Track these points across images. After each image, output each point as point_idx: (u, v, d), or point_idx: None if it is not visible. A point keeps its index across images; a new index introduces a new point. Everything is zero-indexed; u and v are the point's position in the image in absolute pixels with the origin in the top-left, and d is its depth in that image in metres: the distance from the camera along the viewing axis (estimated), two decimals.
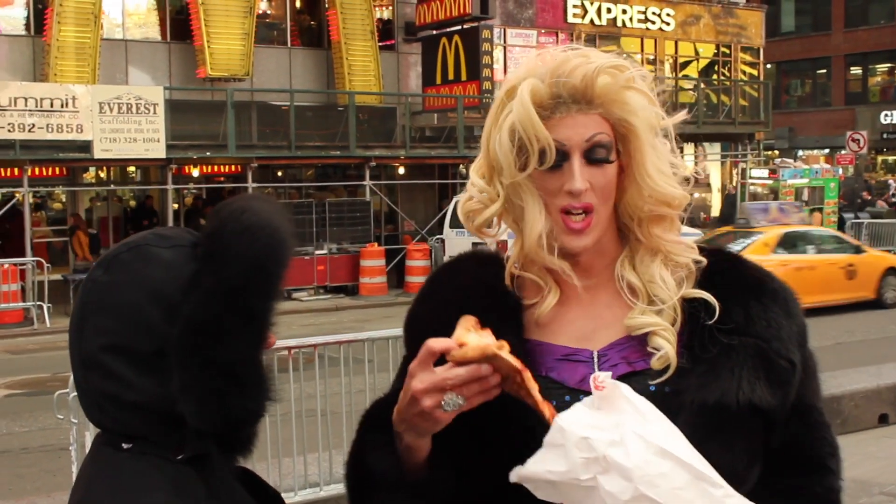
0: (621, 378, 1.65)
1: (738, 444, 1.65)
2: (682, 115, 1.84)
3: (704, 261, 1.80)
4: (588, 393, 1.59)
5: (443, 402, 1.51)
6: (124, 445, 1.53)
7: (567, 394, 1.69)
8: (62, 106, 19.90)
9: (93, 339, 1.51)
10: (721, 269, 1.80)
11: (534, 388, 1.53)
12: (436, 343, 1.52)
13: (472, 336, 1.53)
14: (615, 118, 1.73)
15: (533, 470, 1.54)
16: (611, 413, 1.53)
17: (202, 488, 1.52)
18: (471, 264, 1.85)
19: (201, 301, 1.47)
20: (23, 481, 8.31)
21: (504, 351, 1.51)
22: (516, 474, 1.56)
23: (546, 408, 1.54)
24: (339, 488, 6.48)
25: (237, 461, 1.70)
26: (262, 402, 1.53)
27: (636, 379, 1.67)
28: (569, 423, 1.52)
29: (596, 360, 1.73)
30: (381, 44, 26.94)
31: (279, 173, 27.10)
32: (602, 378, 1.55)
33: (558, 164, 1.70)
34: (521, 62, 1.82)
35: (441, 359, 1.53)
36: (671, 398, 1.65)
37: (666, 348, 1.69)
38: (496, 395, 1.53)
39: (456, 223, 21.62)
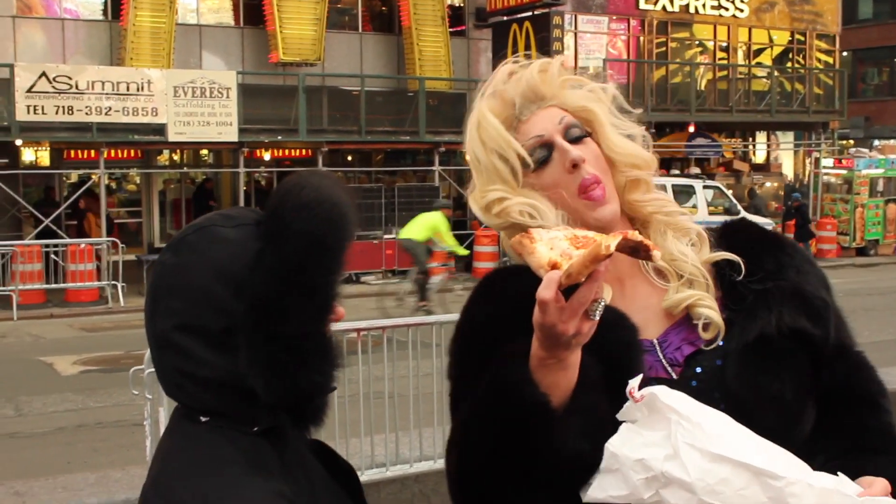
0: (690, 357, 1.73)
1: (784, 374, 1.69)
2: (612, 86, 1.93)
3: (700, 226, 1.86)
4: (658, 379, 1.67)
5: (592, 316, 1.54)
6: (201, 419, 1.59)
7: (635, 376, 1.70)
8: (138, 90, 20.24)
9: (165, 319, 1.56)
10: (736, 229, 1.88)
11: (638, 235, 1.52)
12: (546, 294, 1.50)
13: (543, 250, 1.54)
14: (571, 106, 1.85)
15: (595, 496, 1.56)
16: (657, 425, 1.53)
17: (276, 460, 1.57)
18: (525, 269, 1.76)
19: (264, 278, 1.50)
20: (98, 455, 8.51)
21: (605, 241, 1.48)
22: (590, 497, 1.58)
23: (649, 242, 1.55)
24: (404, 469, 6.56)
25: (310, 433, 1.74)
26: (328, 375, 1.56)
27: (704, 356, 1.73)
28: (619, 447, 1.55)
29: (658, 347, 1.76)
30: (451, 30, 26.94)
31: (349, 158, 27.26)
32: (633, 386, 1.56)
33: (547, 156, 1.80)
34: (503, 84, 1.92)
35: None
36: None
37: (709, 314, 1.74)
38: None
39: None
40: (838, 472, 1.54)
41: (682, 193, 23.92)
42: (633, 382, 1.58)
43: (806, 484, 1.49)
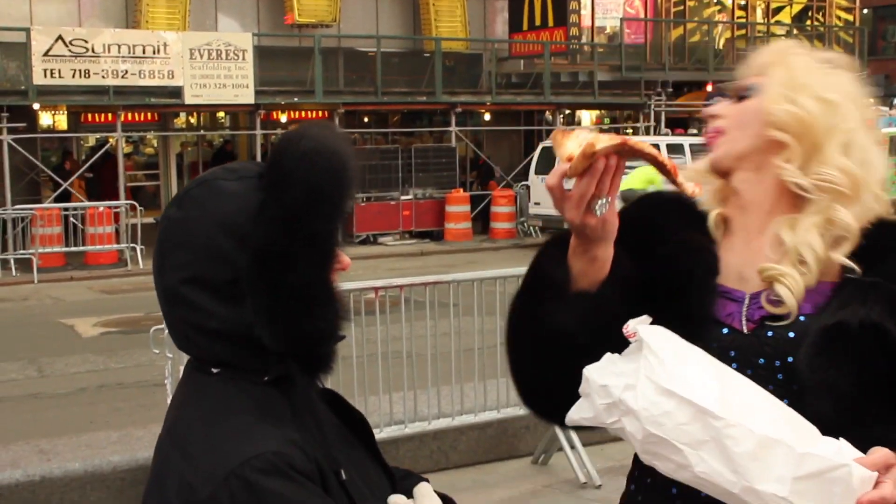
0: (765, 318, 1.82)
1: (846, 364, 1.70)
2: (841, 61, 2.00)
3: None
4: (730, 327, 1.83)
5: (596, 211, 1.69)
6: (213, 371, 1.62)
7: (711, 323, 1.84)
8: (154, 52, 20.24)
9: (172, 273, 1.59)
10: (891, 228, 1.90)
11: (644, 147, 1.65)
12: (551, 180, 1.70)
13: (570, 145, 1.65)
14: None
15: (571, 418, 1.69)
16: (633, 360, 1.62)
17: (286, 408, 1.60)
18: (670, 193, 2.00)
19: (266, 228, 1.53)
20: (120, 414, 8.60)
21: (599, 141, 1.62)
22: (568, 419, 1.71)
23: (663, 159, 1.67)
24: (423, 426, 6.62)
25: (321, 381, 1.77)
26: (333, 321, 1.60)
27: (781, 324, 1.81)
28: (592, 373, 1.65)
29: (747, 301, 1.85)
30: None
31: (366, 119, 27.22)
32: (633, 326, 1.66)
33: (711, 103, 2.05)
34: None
35: None
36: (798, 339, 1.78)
37: (784, 294, 1.81)
38: (623, 168, 1.67)
39: (541, 169, 21.56)
40: (840, 438, 1.57)
41: (700, 153, 23.75)
42: (633, 322, 1.67)
43: (746, 429, 1.52)
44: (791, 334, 1.77)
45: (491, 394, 6.80)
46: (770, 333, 1.79)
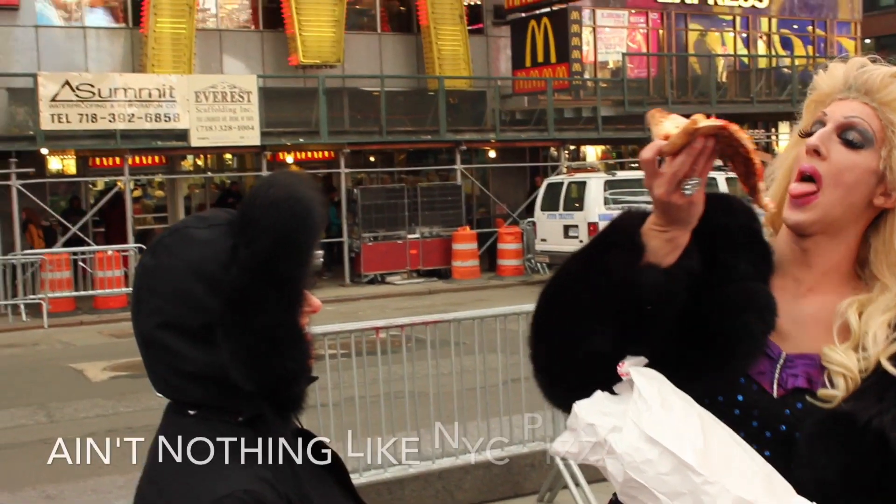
0: (791, 393, 1.75)
1: (839, 455, 1.66)
2: None
3: None
4: (759, 386, 1.77)
5: (685, 191, 1.65)
6: (189, 413, 1.69)
7: (742, 377, 1.78)
8: (160, 96, 20.43)
9: (147, 318, 1.66)
10: None
11: (742, 136, 1.63)
12: (646, 152, 1.66)
13: (667, 125, 1.66)
14: (886, 119, 1.78)
15: (556, 450, 1.72)
16: (622, 401, 1.66)
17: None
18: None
19: (237, 274, 1.60)
20: (126, 459, 8.62)
21: (701, 120, 1.62)
22: (552, 450, 1.74)
23: (757, 156, 1.65)
24: (427, 465, 6.64)
25: (293, 420, 1.81)
26: (302, 362, 1.66)
27: (805, 396, 1.74)
28: (580, 408, 1.68)
29: (782, 361, 1.78)
30: (470, 28, 27.00)
31: (371, 158, 27.36)
32: (627, 366, 1.68)
33: (813, 131, 1.82)
34: None
35: None
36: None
37: (838, 394, 1.71)
38: (718, 152, 1.64)
39: (547, 206, 21.64)
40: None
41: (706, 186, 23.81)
42: (629, 361, 1.69)
43: (723, 487, 1.56)
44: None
45: (495, 432, 6.83)
46: (800, 405, 1.74)
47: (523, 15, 27.19)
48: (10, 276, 18.90)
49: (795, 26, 34.07)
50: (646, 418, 1.60)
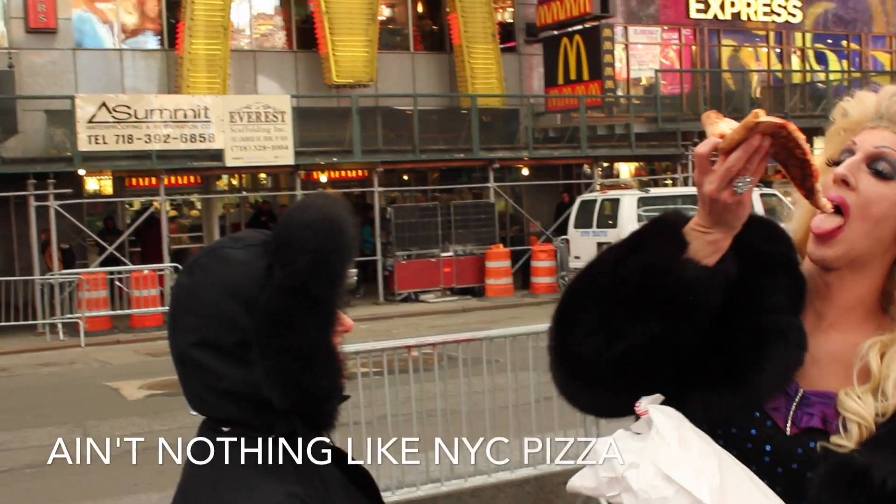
0: (804, 431, 1.71)
1: None
2: None
3: None
4: (773, 421, 1.73)
5: (735, 188, 1.63)
6: (224, 429, 1.73)
7: (758, 411, 1.74)
8: (195, 116, 20.63)
9: (184, 337, 1.70)
10: None
11: (801, 138, 1.61)
12: (702, 147, 1.64)
13: (722, 126, 1.65)
14: None
15: (573, 485, 1.73)
16: (641, 438, 1.66)
17: (291, 464, 1.70)
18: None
19: (272, 294, 1.64)
20: (163, 476, 8.68)
21: (762, 115, 1.60)
22: (569, 485, 1.74)
23: (813, 158, 1.64)
24: (459, 483, 6.65)
25: (328, 438, 1.84)
26: (335, 380, 1.69)
27: (823, 438, 1.69)
28: (599, 444, 1.69)
29: (798, 399, 1.74)
30: (502, 46, 27.05)
31: (405, 177, 27.44)
32: (644, 405, 1.69)
33: (841, 160, 1.78)
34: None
35: None
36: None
37: (852, 440, 1.66)
38: (772, 154, 1.62)
39: (580, 223, 21.62)
40: None
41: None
42: (646, 400, 1.69)
43: None
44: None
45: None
46: (812, 445, 1.69)
47: (556, 33, 27.21)
48: (48, 296, 19.11)
49: (830, 41, 33.87)
50: (663, 455, 1.60)
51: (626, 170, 30.46)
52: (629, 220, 20.35)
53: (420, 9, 28.20)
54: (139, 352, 17.26)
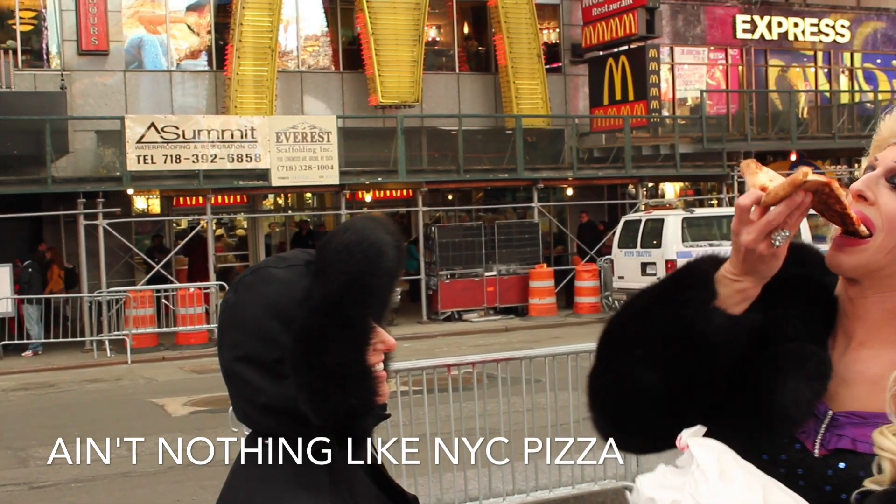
0: (833, 453, 1.70)
1: None
2: None
3: None
4: (802, 444, 1.73)
5: (774, 242, 1.65)
6: (264, 442, 1.78)
7: (785, 436, 1.74)
8: (242, 137, 20.85)
9: (228, 352, 1.77)
10: None
11: (842, 194, 1.64)
12: (745, 199, 1.65)
13: (762, 177, 1.66)
14: None
15: None
16: (683, 474, 1.67)
17: (325, 479, 1.75)
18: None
19: (308, 313, 1.69)
20: (205, 492, 8.78)
21: (810, 174, 1.62)
22: None
23: (853, 210, 1.66)
24: (497, 501, 6.66)
25: (370, 456, 1.89)
26: (367, 399, 1.73)
27: (853, 459, 1.68)
28: (642, 482, 1.70)
29: (827, 421, 1.73)
30: (547, 66, 27.10)
31: (449, 196, 27.52)
32: (685, 438, 1.69)
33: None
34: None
35: None
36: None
37: (883, 480, 1.62)
38: (809, 208, 1.64)
39: (625, 243, 21.56)
40: None
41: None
42: (686, 433, 1.70)
43: None
44: (861, 473, 1.65)
45: (566, 470, 6.83)
46: (842, 465, 1.68)
47: (601, 53, 27.24)
48: (96, 313, 19.36)
49: (879, 60, 33.59)
50: (703, 491, 1.60)
51: (671, 190, 30.35)
52: (673, 241, 20.27)
53: (466, 30, 28.34)
54: (184, 369, 17.43)
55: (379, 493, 1.89)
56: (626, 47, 26.51)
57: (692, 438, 1.69)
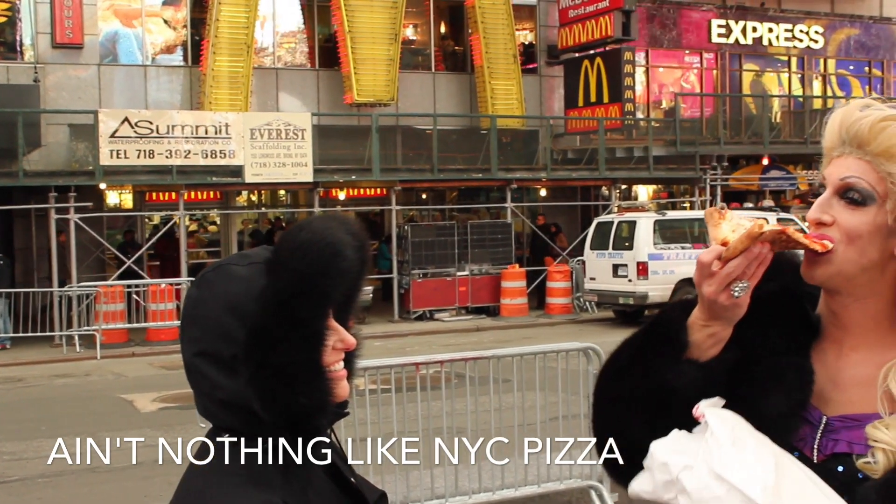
0: (831, 457, 1.74)
1: None
2: None
3: None
4: (800, 452, 1.75)
5: (733, 293, 1.71)
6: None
7: (783, 446, 1.74)
8: (216, 133, 20.79)
9: (188, 347, 1.78)
10: None
11: (799, 236, 1.70)
12: (706, 256, 1.72)
13: (725, 227, 1.72)
14: (883, 171, 1.73)
15: (633, 489, 1.77)
16: (697, 440, 1.71)
17: (278, 475, 1.77)
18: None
19: (260, 311, 1.71)
20: (173, 488, 8.77)
21: (766, 226, 1.68)
22: (630, 490, 1.79)
23: (816, 244, 1.71)
24: (463, 500, 6.69)
25: (328, 453, 1.90)
26: (318, 398, 1.75)
27: (851, 462, 1.71)
28: (656, 447, 1.74)
29: (822, 427, 1.77)
30: (523, 67, 27.14)
31: (423, 196, 27.53)
32: (702, 408, 1.73)
33: (816, 196, 1.83)
34: None
35: None
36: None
37: (879, 469, 1.67)
38: (771, 258, 1.71)
39: (597, 245, 21.64)
40: None
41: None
42: (704, 403, 1.74)
43: None
44: (860, 475, 1.69)
45: (531, 469, 6.86)
46: (841, 468, 1.71)
47: (577, 55, 27.32)
48: (65, 308, 19.26)
49: (852, 67, 33.84)
50: (716, 456, 1.64)
51: (644, 192, 30.48)
52: (645, 243, 20.37)
53: (443, 29, 28.36)
54: (154, 365, 17.36)
55: (337, 492, 1.90)
56: (602, 49, 26.60)
57: (709, 409, 1.72)
